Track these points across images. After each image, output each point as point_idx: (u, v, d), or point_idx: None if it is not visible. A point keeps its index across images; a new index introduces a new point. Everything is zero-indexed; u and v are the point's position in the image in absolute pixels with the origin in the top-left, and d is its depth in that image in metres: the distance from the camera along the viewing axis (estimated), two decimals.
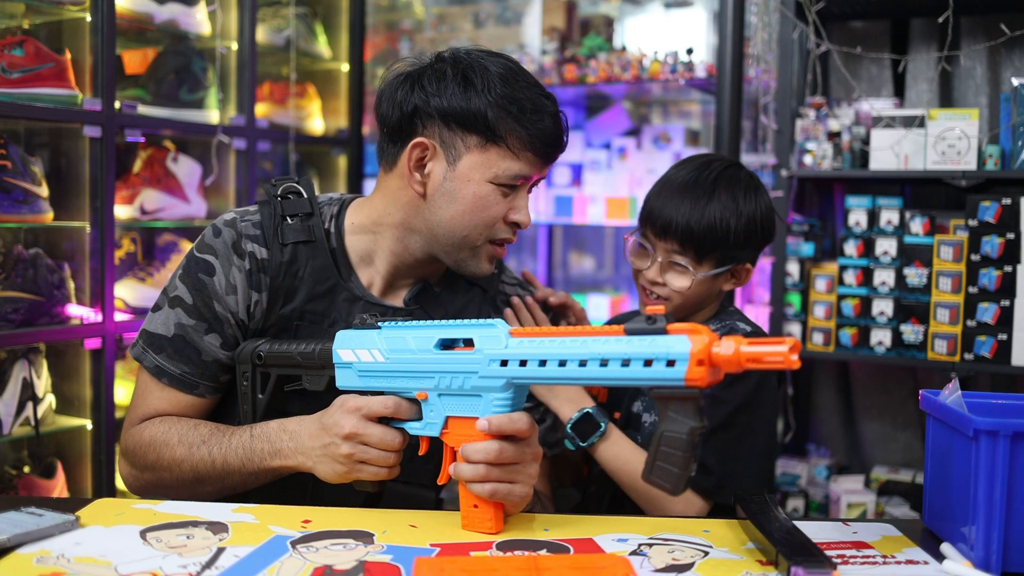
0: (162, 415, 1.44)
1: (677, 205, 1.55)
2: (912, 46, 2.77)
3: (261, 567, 1.09)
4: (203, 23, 2.64)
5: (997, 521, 1.13)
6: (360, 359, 1.28)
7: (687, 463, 1.07)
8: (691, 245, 1.55)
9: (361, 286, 1.47)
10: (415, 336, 1.25)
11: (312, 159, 3.16)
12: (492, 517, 1.21)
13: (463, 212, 1.40)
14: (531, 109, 1.38)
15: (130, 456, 1.44)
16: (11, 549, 1.11)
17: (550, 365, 1.12)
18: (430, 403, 1.25)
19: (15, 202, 2.14)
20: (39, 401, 2.24)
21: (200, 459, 1.37)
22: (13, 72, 2.13)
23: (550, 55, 3.05)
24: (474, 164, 1.38)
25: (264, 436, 1.34)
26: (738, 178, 1.59)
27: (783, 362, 0.99)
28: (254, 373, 1.42)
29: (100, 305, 2.30)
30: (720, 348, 1.03)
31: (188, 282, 1.44)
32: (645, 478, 1.10)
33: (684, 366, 1.04)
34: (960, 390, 1.27)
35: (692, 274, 1.56)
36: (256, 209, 1.48)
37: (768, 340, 1.01)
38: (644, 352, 1.06)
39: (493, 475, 1.19)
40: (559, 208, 3.21)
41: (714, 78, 2.70)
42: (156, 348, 1.44)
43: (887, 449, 2.77)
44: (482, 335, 1.19)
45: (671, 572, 1.12)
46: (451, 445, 1.24)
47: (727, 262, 1.58)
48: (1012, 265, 2.25)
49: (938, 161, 2.33)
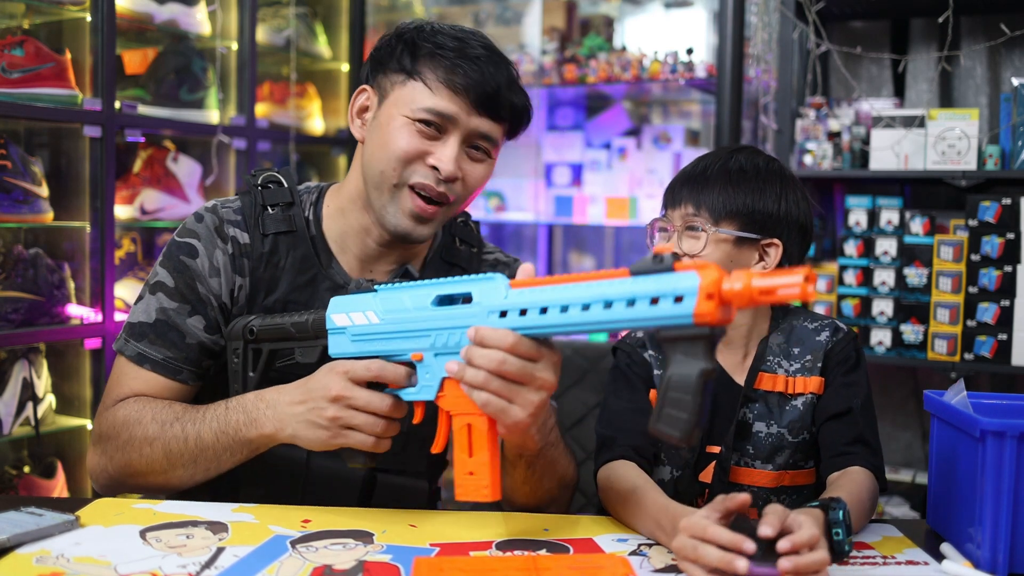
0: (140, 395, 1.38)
1: (691, 169, 1.44)
2: (912, 46, 2.77)
3: (261, 567, 1.09)
4: (203, 23, 2.65)
5: (1004, 522, 1.13)
6: (354, 322, 1.23)
7: (698, 409, 0.98)
8: (705, 202, 1.40)
9: (344, 273, 1.45)
10: (411, 295, 1.20)
11: (312, 159, 3.16)
12: (489, 483, 1.14)
13: (380, 145, 1.37)
14: (452, 48, 1.36)
15: (102, 441, 1.37)
16: (11, 549, 1.11)
17: (551, 312, 1.06)
18: (425, 364, 1.18)
19: (15, 202, 2.14)
20: (39, 401, 2.24)
21: (172, 436, 1.31)
22: (13, 72, 2.13)
23: (550, 55, 3.05)
24: (395, 99, 1.37)
25: (240, 407, 1.29)
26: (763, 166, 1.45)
27: (799, 293, 0.92)
28: (245, 349, 1.37)
29: (100, 305, 2.30)
30: (731, 282, 0.96)
31: (169, 265, 1.41)
32: (652, 427, 1.02)
33: (693, 301, 0.96)
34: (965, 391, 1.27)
35: (707, 233, 1.40)
36: (236, 198, 1.46)
37: (782, 272, 0.94)
38: (650, 290, 0.99)
39: (492, 385, 1.10)
40: (559, 208, 3.21)
41: (714, 78, 2.70)
42: (137, 336, 1.40)
43: (887, 449, 2.75)
44: (480, 288, 1.13)
45: (671, 573, 1.12)
46: (447, 410, 1.18)
47: (750, 228, 1.40)
48: (1012, 265, 2.25)
49: (938, 161, 2.33)
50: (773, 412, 1.42)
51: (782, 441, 1.42)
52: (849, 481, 1.31)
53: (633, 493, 1.27)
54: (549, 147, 3.33)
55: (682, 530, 1.07)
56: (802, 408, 1.42)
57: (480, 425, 1.15)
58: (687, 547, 1.06)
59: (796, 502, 1.43)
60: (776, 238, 1.41)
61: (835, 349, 1.44)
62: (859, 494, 1.28)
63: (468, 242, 1.57)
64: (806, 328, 1.46)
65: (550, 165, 3.31)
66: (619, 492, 1.30)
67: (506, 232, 3.63)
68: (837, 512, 1.14)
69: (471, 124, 1.36)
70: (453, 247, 1.55)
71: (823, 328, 1.46)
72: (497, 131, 1.40)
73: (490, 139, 1.39)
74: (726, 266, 1.36)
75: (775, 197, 1.41)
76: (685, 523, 1.07)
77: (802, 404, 1.42)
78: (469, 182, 1.39)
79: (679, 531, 1.08)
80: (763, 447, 1.42)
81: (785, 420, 1.42)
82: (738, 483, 1.42)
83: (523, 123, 1.44)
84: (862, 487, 1.30)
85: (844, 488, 1.28)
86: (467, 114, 1.36)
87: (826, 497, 1.19)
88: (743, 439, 1.43)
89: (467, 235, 1.57)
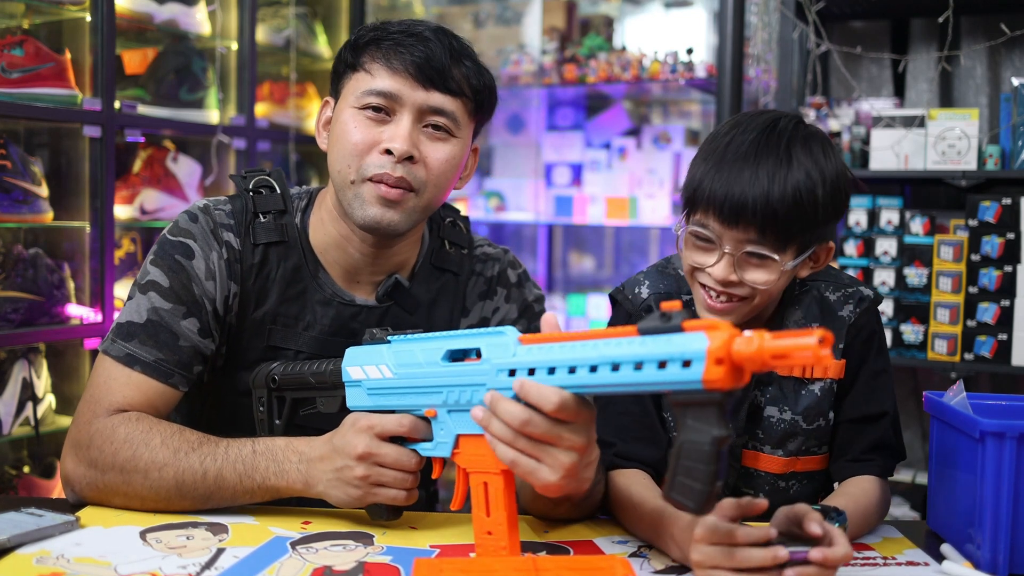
0: (133, 406, 1.29)
1: (749, 179, 1.21)
2: (912, 46, 2.77)
3: (261, 568, 1.08)
4: (203, 23, 2.65)
5: (1004, 522, 1.13)
6: (368, 376, 1.21)
7: (712, 477, 0.93)
8: (772, 229, 1.22)
9: (332, 284, 1.41)
10: (423, 348, 1.17)
11: (312, 159, 3.16)
12: (507, 544, 1.10)
13: (336, 144, 1.34)
14: (394, 32, 1.33)
15: (91, 450, 1.26)
16: (11, 549, 1.11)
17: (559, 373, 1.02)
18: (440, 421, 1.16)
19: (15, 202, 2.14)
20: (39, 401, 2.24)
21: (187, 467, 1.23)
22: (13, 72, 2.13)
23: (550, 55, 3.05)
24: (345, 97, 1.36)
25: (269, 454, 1.24)
26: (812, 133, 1.28)
27: (811, 357, 0.87)
28: (270, 398, 1.34)
29: (100, 305, 2.30)
30: (741, 344, 0.90)
31: (163, 264, 1.34)
32: (665, 496, 0.97)
33: (701, 366, 0.91)
34: (965, 392, 1.27)
35: (779, 264, 1.24)
36: (227, 200, 1.41)
37: (794, 333, 0.89)
38: (657, 353, 0.95)
39: (519, 444, 1.04)
40: (559, 208, 3.21)
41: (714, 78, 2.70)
42: (126, 336, 1.31)
43: None
44: (490, 344, 1.10)
45: (671, 574, 1.12)
46: (463, 467, 1.14)
47: (812, 243, 1.27)
48: (1012, 265, 2.25)
49: (938, 161, 2.33)
50: (788, 397, 1.34)
51: (795, 428, 1.35)
52: (861, 492, 1.28)
53: (629, 500, 1.25)
54: (549, 147, 3.33)
55: (700, 540, 1.04)
56: (819, 394, 1.35)
57: (497, 484, 1.11)
58: (715, 555, 1.03)
59: (806, 487, 1.39)
60: (831, 240, 1.32)
61: (859, 323, 1.36)
62: (867, 507, 1.26)
63: (458, 244, 1.51)
64: (828, 300, 1.37)
65: (550, 165, 3.31)
66: (616, 499, 1.29)
67: (506, 232, 3.63)
68: (833, 524, 1.12)
69: (418, 99, 1.31)
70: (443, 251, 1.49)
71: (847, 299, 1.37)
72: (454, 105, 1.33)
73: (447, 114, 1.33)
74: (785, 284, 1.30)
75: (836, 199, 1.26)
76: (703, 533, 1.04)
77: (820, 390, 1.35)
78: (431, 163, 1.33)
79: (696, 541, 1.04)
80: (774, 433, 1.35)
81: (800, 406, 1.34)
82: (746, 467, 1.37)
83: (488, 98, 1.39)
84: (872, 499, 1.28)
85: (853, 498, 1.26)
86: (412, 89, 1.31)
87: (830, 505, 1.18)
88: (753, 423, 1.35)
89: (456, 237, 1.51)
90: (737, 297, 1.27)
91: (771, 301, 1.34)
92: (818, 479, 1.41)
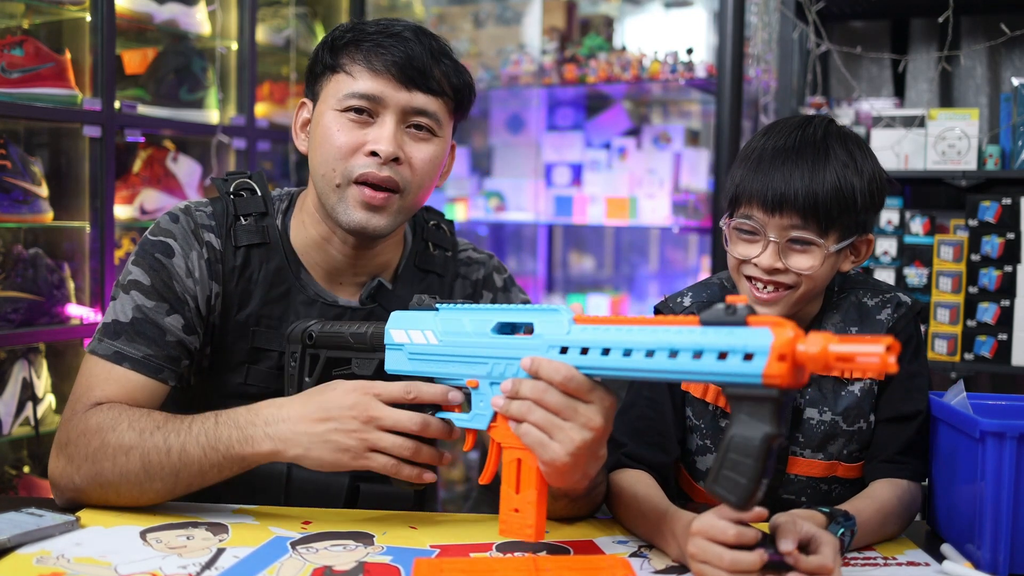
0: (112, 400, 1.28)
1: (789, 171, 1.28)
2: (912, 46, 2.77)
3: (261, 568, 1.08)
4: (203, 23, 2.65)
5: (1004, 522, 1.13)
6: (412, 340, 1.20)
7: (758, 474, 0.92)
8: (814, 214, 1.27)
9: (316, 285, 1.41)
10: (472, 318, 1.16)
11: None
12: (534, 524, 1.08)
13: (318, 147, 1.34)
14: (372, 33, 1.33)
15: (69, 447, 1.25)
16: (11, 549, 1.10)
17: (613, 354, 1.01)
18: (480, 392, 1.14)
19: (15, 202, 2.14)
20: (39, 401, 2.25)
21: (153, 446, 1.20)
22: (13, 72, 2.13)
23: (550, 55, 3.05)
24: (324, 99, 1.35)
25: (231, 422, 1.21)
26: (847, 133, 1.35)
27: (878, 364, 0.85)
28: (303, 354, 1.32)
29: (100, 305, 2.30)
30: (806, 345, 0.90)
31: (144, 264, 1.34)
32: (708, 487, 0.97)
33: (763, 360, 0.90)
34: (965, 392, 1.27)
35: (823, 247, 1.28)
36: (208, 202, 1.41)
37: (862, 338, 0.87)
38: (720, 344, 0.94)
39: (532, 416, 1.05)
40: (559, 208, 3.21)
41: (714, 78, 2.70)
42: (113, 335, 1.30)
43: None
44: (543, 319, 1.09)
45: (671, 574, 1.12)
46: (498, 441, 1.13)
47: (853, 231, 1.31)
48: (1012, 265, 2.25)
49: (938, 161, 2.33)
50: (827, 398, 1.34)
51: (835, 429, 1.34)
52: (885, 496, 1.27)
53: (633, 496, 1.26)
54: (549, 147, 3.33)
55: (697, 533, 1.05)
56: (859, 395, 1.34)
57: (530, 461, 1.09)
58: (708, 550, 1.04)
59: (848, 492, 1.36)
60: (871, 234, 1.35)
61: (896, 328, 1.36)
62: (888, 511, 1.26)
63: (442, 246, 1.51)
64: (866, 305, 1.38)
65: (550, 165, 3.31)
66: (618, 495, 1.29)
67: (506, 232, 3.63)
68: (836, 530, 1.13)
69: (401, 100, 1.31)
70: (427, 253, 1.49)
71: (885, 304, 1.38)
72: (435, 105, 1.34)
73: (430, 115, 1.33)
74: (828, 274, 1.33)
75: (873, 190, 1.32)
76: (700, 527, 1.05)
77: (859, 390, 1.35)
78: (416, 164, 1.33)
79: (692, 534, 1.06)
80: (814, 435, 1.34)
81: (840, 407, 1.34)
82: (786, 472, 1.36)
83: (467, 97, 1.39)
84: (895, 504, 1.27)
85: (875, 502, 1.25)
86: (395, 90, 1.31)
87: (840, 509, 1.18)
88: (793, 426, 1.35)
89: (440, 239, 1.51)
90: (783, 286, 1.31)
91: (814, 295, 1.36)
92: (859, 486, 1.38)
